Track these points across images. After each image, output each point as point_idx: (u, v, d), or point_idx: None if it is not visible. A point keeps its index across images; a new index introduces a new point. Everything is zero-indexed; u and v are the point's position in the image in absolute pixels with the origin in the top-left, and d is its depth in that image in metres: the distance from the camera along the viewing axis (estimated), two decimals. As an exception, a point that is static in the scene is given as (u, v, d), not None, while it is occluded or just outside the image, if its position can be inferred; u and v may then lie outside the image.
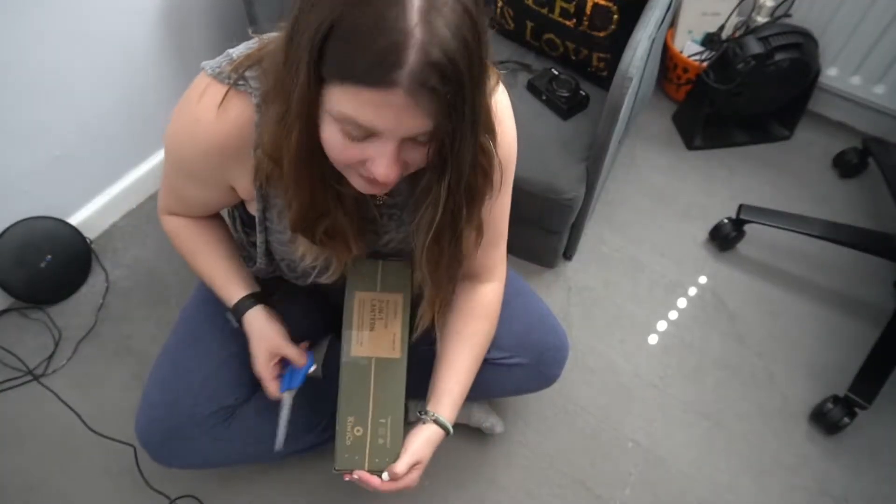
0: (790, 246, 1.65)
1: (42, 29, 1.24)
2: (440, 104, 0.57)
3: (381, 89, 0.56)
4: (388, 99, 0.56)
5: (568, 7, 1.40)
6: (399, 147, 0.62)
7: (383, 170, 0.63)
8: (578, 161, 1.36)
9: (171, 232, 0.97)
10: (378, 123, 0.59)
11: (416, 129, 0.60)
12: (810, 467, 1.32)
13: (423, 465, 0.91)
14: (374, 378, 0.92)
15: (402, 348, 0.93)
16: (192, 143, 0.78)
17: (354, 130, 0.61)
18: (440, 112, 0.58)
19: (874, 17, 1.63)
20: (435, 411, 0.92)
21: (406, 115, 0.58)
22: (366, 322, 0.92)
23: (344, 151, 0.64)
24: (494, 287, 0.97)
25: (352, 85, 0.57)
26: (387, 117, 0.59)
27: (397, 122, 0.59)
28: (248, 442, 1.06)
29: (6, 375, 1.35)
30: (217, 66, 0.75)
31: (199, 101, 0.76)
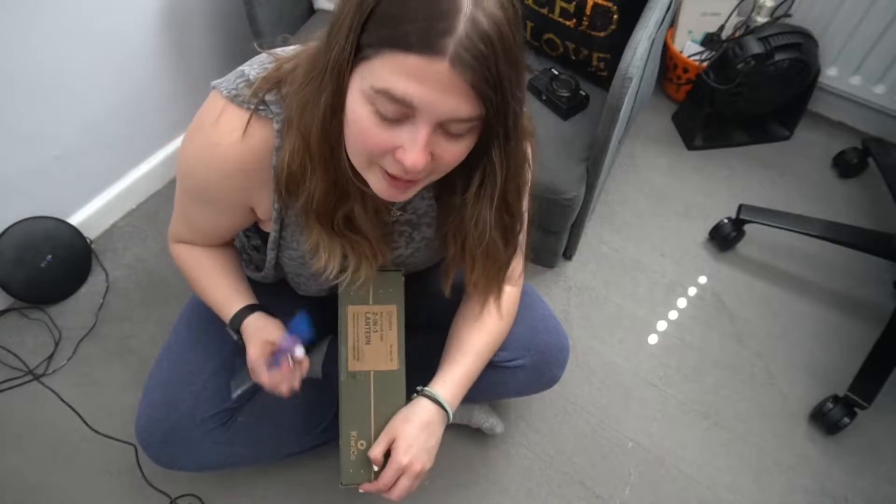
0: (790, 246, 1.65)
1: (42, 29, 1.24)
2: (490, 81, 0.57)
3: (427, 56, 0.55)
4: (434, 68, 0.55)
5: (568, 7, 1.40)
6: (431, 133, 0.60)
7: (413, 155, 0.61)
8: (578, 161, 1.36)
9: (179, 258, 0.96)
10: (417, 95, 0.57)
11: (455, 110, 0.58)
12: (810, 467, 1.33)
13: (410, 443, 0.86)
14: (374, 391, 0.91)
15: (400, 359, 0.93)
16: (211, 166, 0.77)
17: (388, 108, 0.59)
18: (491, 90, 0.57)
19: (874, 17, 1.63)
20: (431, 388, 0.90)
21: (448, 89, 0.57)
22: (361, 336, 0.92)
23: (372, 136, 0.62)
24: (512, 290, 0.97)
25: (398, 51, 0.56)
26: (428, 89, 0.57)
27: (438, 97, 0.57)
28: (248, 444, 1.06)
29: (6, 375, 1.35)
30: (233, 89, 0.73)
31: (217, 125, 0.74)
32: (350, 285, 0.91)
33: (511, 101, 0.60)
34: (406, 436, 0.86)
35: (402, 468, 0.86)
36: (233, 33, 1.65)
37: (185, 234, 0.93)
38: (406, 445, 0.86)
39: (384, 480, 0.86)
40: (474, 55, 0.55)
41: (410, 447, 0.86)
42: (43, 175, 1.40)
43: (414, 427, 0.87)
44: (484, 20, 0.55)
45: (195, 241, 0.94)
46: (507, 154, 0.68)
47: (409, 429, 0.87)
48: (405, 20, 0.55)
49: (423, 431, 0.88)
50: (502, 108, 0.60)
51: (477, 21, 0.55)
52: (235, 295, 0.95)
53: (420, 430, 0.87)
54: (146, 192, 1.65)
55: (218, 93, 0.74)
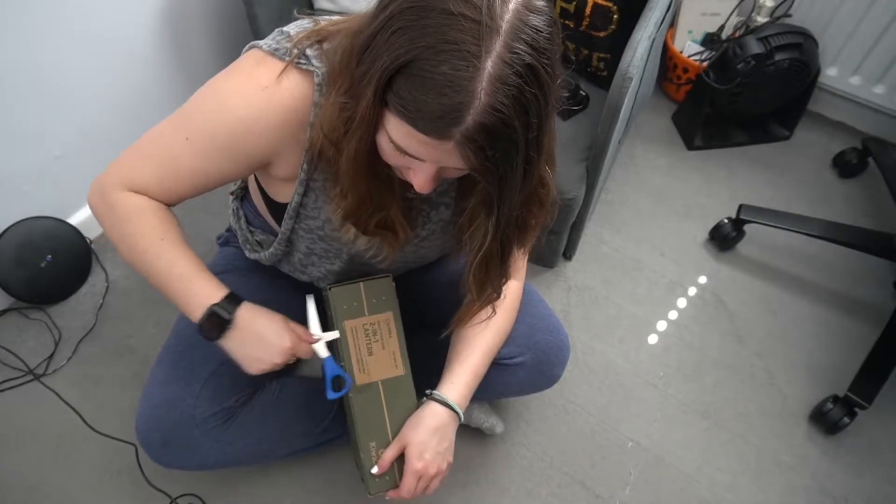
0: (790, 246, 1.65)
1: (42, 29, 1.24)
2: (485, 160, 0.60)
3: (434, 139, 0.59)
4: (439, 145, 0.60)
5: (568, 7, 1.40)
6: (439, 170, 0.67)
7: (420, 183, 0.68)
8: (578, 161, 1.36)
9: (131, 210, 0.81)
10: (425, 155, 0.63)
11: (459, 166, 0.64)
12: (810, 467, 1.32)
13: (422, 449, 0.88)
14: (385, 400, 0.92)
15: (405, 364, 0.93)
16: (253, 103, 0.72)
17: (404, 153, 0.64)
18: (484, 166, 0.61)
19: (874, 17, 1.63)
20: (439, 391, 0.91)
21: (451, 157, 0.61)
22: (363, 348, 0.92)
23: (389, 158, 0.68)
24: (515, 285, 0.98)
25: (409, 124, 0.59)
26: (433, 156, 0.63)
27: (441, 159, 0.63)
28: (248, 443, 1.06)
29: (6, 375, 1.35)
30: (274, 44, 0.73)
31: (256, 71, 0.73)
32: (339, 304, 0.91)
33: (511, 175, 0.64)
34: (417, 442, 0.88)
35: (418, 473, 0.88)
36: (233, 33, 1.65)
37: (147, 180, 0.80)
38: (419, 452, 0.88)
39: (406, 487, 0.89)
40: (476, 143, 0.59)
41: (423, 453, 0.88)
42: (43, 175, 1.40)
43: (425, 432, 0.89)
44: (493, 115, 0.57)
45: (160, 190, 0.82)
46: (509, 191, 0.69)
47: (419, 434, 0.89)
48: (419, 106, 0.58)
49: (435, 435, 0.89)
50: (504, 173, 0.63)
51: (486, 114, 0.57)
52: (211, 277, 0.85)
53: (431, 434, 0.89)
54: (146, 192, 1.65)
55: (257, 48, 0.74)
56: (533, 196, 0.75)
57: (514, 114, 0.58)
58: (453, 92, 0.56)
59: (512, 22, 0.57)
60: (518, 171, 0.64)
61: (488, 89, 0.56)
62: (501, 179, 0.64)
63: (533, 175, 0.68)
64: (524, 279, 1.00)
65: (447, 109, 0.57)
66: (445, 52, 0.55)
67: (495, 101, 0.57)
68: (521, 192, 0.68)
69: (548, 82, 0.60)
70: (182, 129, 0.78)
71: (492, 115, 0.57)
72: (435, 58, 0.56)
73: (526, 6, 0.58)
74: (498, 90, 0.56)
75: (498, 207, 0.68)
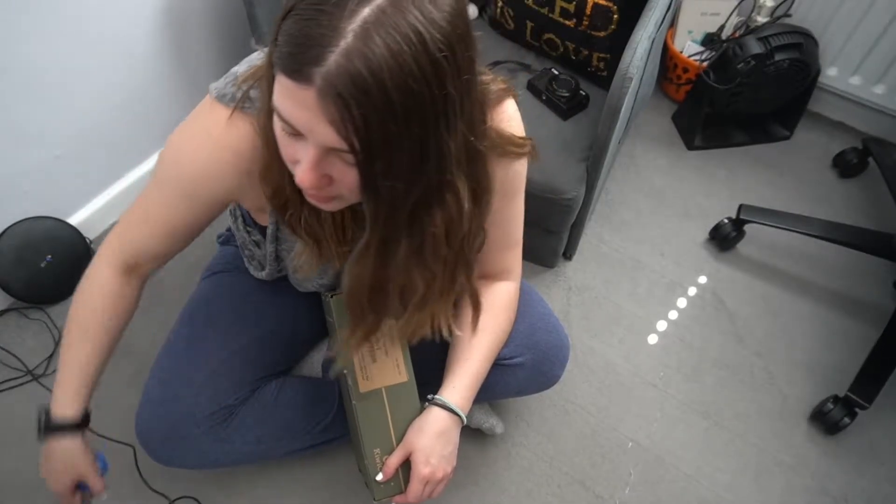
0: (790, 246, 1.65)
1: (43, 29, 1.24)
2: (353, 122, 0.53)
3: (296, 82, 0.54)
4: (302, 96, 0.54)
5: (568, 7, 1.40)
6: (320, 156, 0.59)
7: (300, 173, 0.60)
8: (578, 161, 1.36)
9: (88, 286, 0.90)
10: (293, 117, 0.57)
11: (330, 142, 0.56)
12: (810, 467, 1.32)
13: (428, 454, 0.89)
14: (389, 407, 0.92)
15: (408, 370, 0.93)
16: (202, 151, 0.76)
17: (284, 123, 0.59)
18: (353, 131, 0.54)
19: (874, 17, 1.63)
20: (441, 396, 0.91)
21: (317, 120, 0.55)
22: (366, 356, 0.92)
23: (282, 146, 0.63)
24: (510, 286, 0.98)
25: (278, 68, 0.55)
26: (301, 117, 0.56)
27: (310, 126, 0.56)
28: (247, 442, 1.06)
29: (6, 375, 1.35)
30: (222, 87, 0.74)
31: (206, 119, 0.75)
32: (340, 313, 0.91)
33: (392, 150, 0.56)
34: (422, 447, 0.89)
35: (425, 478, 0.89)
36: (233, 33, 1.65)
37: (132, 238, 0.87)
38: (424, 457, 0.88)
39: (413, 493, 0.89)
40: (338, 93, 0.52)
41: (429, 457, 0.89)
42: (43, 175, 1.40)
43: (429, 437, 0.89)
44: (360, 60, 0.51)
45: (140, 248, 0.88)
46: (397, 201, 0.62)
47: (423, 440, 0.89)
48: (286, 42, 0.54)
49: (439, 440, 0.90)
50: (377, 152, 0.55)
51: (351, 58, 0.51)
52: (83, 390, 0.91)
53: (435, 439, 0.89)
54: (146, 192, 1.65)
55: (208, 95, 0.75)
56: (434, 198, 0.65)
57: (389, 71, 0.51)
58: (316, 24, 0.52)
59: None
60: (400, 150, 0.56)
61: (359, 32, 0.51)
62: (374, 153, 0.55)
63: (429, 166, 0.60)
64: (520, 279, 1.00)
65: (309, 40, 0.52)
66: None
67: (365, 47, 0.51)
68: (410, 183, 0.60)
69: (442, 61, 0.54)
70: (154, 181, 0.84)
71: (359, 62, 0.51)
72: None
73: None
74: (371, 38, 0.51)
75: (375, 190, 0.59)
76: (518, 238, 0.95)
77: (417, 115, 0.55)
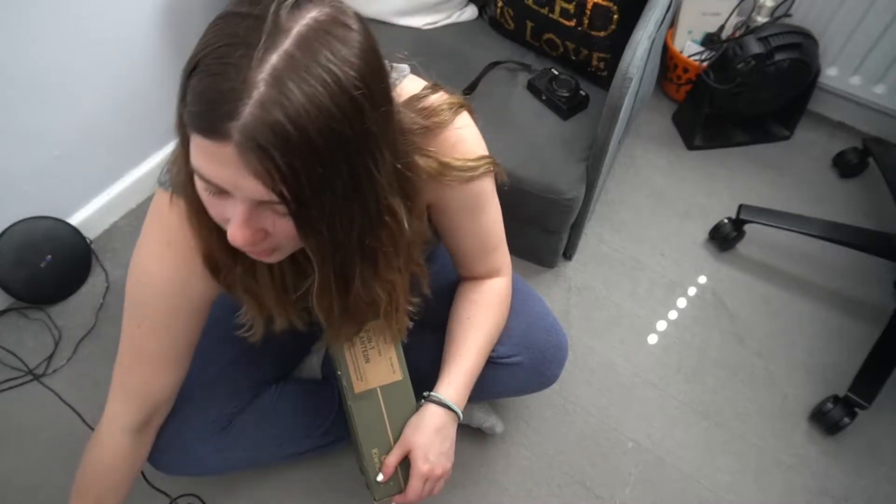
0: (790, 246, 1.65)
1: (43, 29, 1.24)
2: (279, 172, 0.52)
3: (213, 140, 0.52)
4: (222, 153, 0.52)
5: (568, 7, 1.40)
6: (250, 211, 0.57)
7: (232, 230, 0.58)
8: (578, 161, 1.36)
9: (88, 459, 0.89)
10: (217, 177, 0.55)
11: (258, 195, 0.54)
12: (810, 467, 1.32)
13: (426, 451, 0.89)
14: (385, 406, 0.92)
15: (402, 368, 0.93)
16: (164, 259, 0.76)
17: (207, 184, 0.57)
18: (280, 181, 0.52)
19: (874, 17, 1.63)
20: (436, 393, 0.91)
21: (240, 175, 0.53)
22: (359, 356, 0.92)
23: (209, 207, 0.61)
24: (501, 281, 0.98)
25: (191, 129, 0.53)
26: (223, 174, 0.54)
27: (234, 182, 0.54)
28: (247, 448, 1.06)
29: (6, 375, 1.35)
30: (161, 176, 0.73)
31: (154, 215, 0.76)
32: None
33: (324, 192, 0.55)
34: (421, 445, 0.88)
35: (424, 476, 0.88)
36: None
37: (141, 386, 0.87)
38: (423, 454, 0.88)
39: (413, 490, 0.89)
40: (258, 144, 0.50)
41: (427, 454, 0.88)
42: (43, 175, 1.40)
43: (426, 435, 0.89)
44: (277, 109, 0.50)
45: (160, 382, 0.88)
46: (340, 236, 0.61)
47: (421, 437, 0.89)
48: (196, 101, 0.52)
49: (437, 437, 0.89)
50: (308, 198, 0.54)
51: (268, 108, 0.50)
52: None
53: (433, 436, 0.89)
54: (146, 191, 1.65)
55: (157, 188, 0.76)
56: (376, 223, 0.65)
57: (308, 116, 0.50)
58: (225, 78, 0.50)
59: (309, 25, 0.52)
60: (332, 190, 0.55)
61: (271, 81, 0.50)
62: (306, 199, 0.54)
63: (364, 198, 0.60)
64: (510, 273, 1.00)
65: (220, 96, 0.50)
66: (226, 46, 0.51)
67: (280, 95, 0.50)
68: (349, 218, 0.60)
69: (359, 98, 0.53)
70: (131, 320, 0.83)
71: (275, 110, 0.50)
72: (215, 52, 0.51)
73: (330, 18, 0.54)
74: (285, 85, 0.50)
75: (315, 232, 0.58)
76: (498, 241, 0.94)
77: (343, 154, 0.54)
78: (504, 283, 0.98)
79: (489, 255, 0.94)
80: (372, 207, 0.62)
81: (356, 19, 0.56)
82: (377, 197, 0.62)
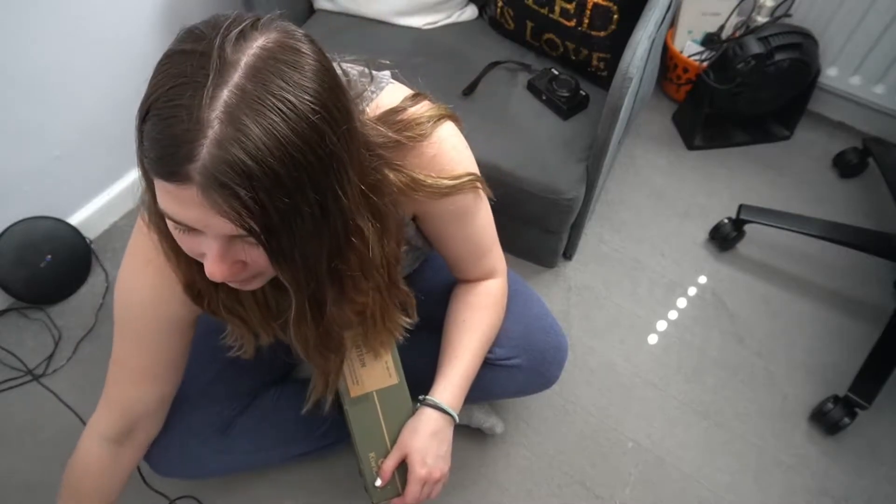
0: (790, 246, 1.65)
1: (42, 29, 1.24)
2: (245, 207, 0.51)
3: (175, 184, 0.51)
4: (186, 195, 0.51)
5: (568, 7, 1.40)
6: (224, 246, 0.57)
7: (209, 267, 0.58)
8: (578, 161, 1.36)
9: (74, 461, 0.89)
10: (185, 218, 0.54)
11: (228, 230, 0.54)
12: (810, 467, 1.32)
13: (423, 455, 0.89)
14: (381, 410, 0.92)
15: (398, 372, 0.93)
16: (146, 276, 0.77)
17: (176, 224, 0.56)
18: (247, 215, 0.52)
19: (874, 17, 1.63)
20: (432, 396, 0.91)
21: (208, 215, 0.52)
22: (355, 360, 0.92)
23: (183, 244, 0.60)
24: (496, 282, 0.98)
25: (153, 173, 0.53)
26: (191, 215, 0.53)
27: (202, 222, 0.54)
28: (246, 451, 1.06)
29: (6, 375, 1.35)
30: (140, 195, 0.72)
31: (136, 236, 0.77)
32: None
33: (293, 220, 0.55)
34: (417, 449, 0.88)
35: (422, 479, 0.88)
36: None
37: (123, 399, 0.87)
38: (420, 458, 0.88)
39: (411, 495, 0.88)
40: (220, 183, 0.49)
41: (425, 458, 0.88)
42: (43, 175, 1.40)
43: (423, 438, 0.89)
44: (235, 146, 0.49)
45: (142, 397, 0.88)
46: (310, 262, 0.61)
47: (418, 441, 0.89)
48: (153, 147, 0.51)
49: (433, 440, 0.89)
50: (277, 228, 0.54)
51: (224, 146, 0.49)
52: None
53: (429, 439, 0.89)
54: (146, 192, 1.65)
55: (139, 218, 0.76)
56: (344, 246, 0.64)
57: (267, 149, 0.49)
58: (178, 121, 0.49)
59: (257, 55, 0.51)
60: (301, 218, 0.55)
61: (224, 118, 0.49)
62: (275, 230, 0.54)
63: (332, 222, 0.59)
64: (505, 274, 0.99)
65: (175, 140, 0.49)
66: (175, 87, 0.50)
67: (237, 132, 0.49)
68: (319, 243, 0.59)
69: (318, 122, 0.52)
70: (119, 337, 0.84)
71: (234, 148, 0.49)
72: (165, 95, 0.51)
73: (278, 44, 0.53)
74: (240, 120, 0.49)
75: (287, 261, 0.58)
76: (490, 244, 0.94)
77: (307, 180, 0.53)
78: (499, 284, 0.98)
79: (481, 259, 0.94)
80: (339, 230, 0.61)
81: (306, 40, 0.55)
82: (344, 219, 0.61)
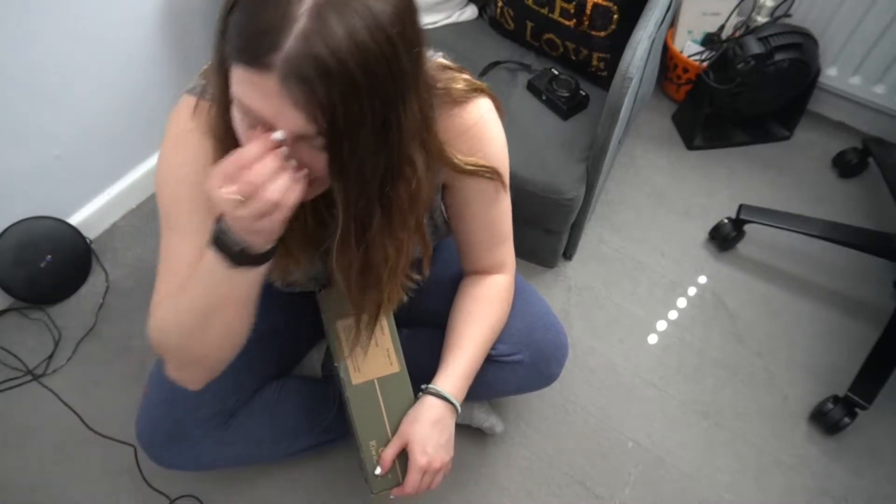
0: (790, 246, 1.65)
1: (42, 29, 1.24)
2: (319, 104, 0.53)
3: (256, 70, 0.53)
4: (264, 83, 0.54)
5: (568, 7, 1.40)
6: (290, 144, 0.58)
7: None
8: (578, 161, 1.36)
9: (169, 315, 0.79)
10: (257, 108, 0.56)
11: (298, 127, 0.56)
12: (810, 467, 1.32)
13: (424, 443, 0.88)
14: (382, 398, 0.92)
15: (399, 360, 0.93)
16: (188, 148, 0.76)
17: (249, 116, 0.58)
18: (320, 113, 0.54)
19: (874, 17, 1.63)
20: (435, 385, 0.91)
21: (282, 106, 0.54)
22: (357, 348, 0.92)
23: (246, 140, 0.62)
24: (504, 278, 0.98)
25: (236, 63, 0.55)
26: (266, 105, 0.55)
27: (275, 113, 0.56)
28: (247, 443, 1.06)
29: (6, 375, 1.35)
30: (191, 82, 0.75)
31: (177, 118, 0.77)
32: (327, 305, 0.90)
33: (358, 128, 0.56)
34: (419, 437, 0.88)
35: (423, 468, 0.88)
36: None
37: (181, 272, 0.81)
38: (421, 447, 0.88)
39: (411, 483, 0.88)
40: (301, 76, 0.52)
41: (426, 447, 0.88)
42: (43, 175, 1.40)
43: (424, 427, 0.89)
44: (319, 42, 0.51)
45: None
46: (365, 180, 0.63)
47: (419, 429, 0.88)
48: (238, 34, 0.54)
49: (435, 429, 0.89)
50: (343, 132, 0.56)
51: (310, 40, 0.51)
52: None
53: (431, 428, 0.89)
54: (146, 191, 1.65)
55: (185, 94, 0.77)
56: (396, 171, 0.66)
57: (348, 50, 0.52)
58: (267, 12, 0.52)
59: None
60: (365, 128, 0.57)
61: (313, 13, 0.51)
62: (341, 134, 0.56)
63: (391, 141, 0.61)
64: (513, 272, 1.00)
65: (262, 28, 0.52)
66: None
67: (322, 29, 0.51)
68: (376, 159, 0.61)
69: (395, 36, 0.54)
70: (166, 226, 0.82)
71: (318, 42, 0.51)
72: None
73: None
74: (326, 19, 0.51)
75: (344, 170, 0.59)
76: (506, 234, 0.95)
77: (378, 91, 0.55)
78: (507, 279, 0.98)
79: (496, 248, 0.94)
80: (395, 154, 0.63)
81: None
82: (401, 143, 0.63)
